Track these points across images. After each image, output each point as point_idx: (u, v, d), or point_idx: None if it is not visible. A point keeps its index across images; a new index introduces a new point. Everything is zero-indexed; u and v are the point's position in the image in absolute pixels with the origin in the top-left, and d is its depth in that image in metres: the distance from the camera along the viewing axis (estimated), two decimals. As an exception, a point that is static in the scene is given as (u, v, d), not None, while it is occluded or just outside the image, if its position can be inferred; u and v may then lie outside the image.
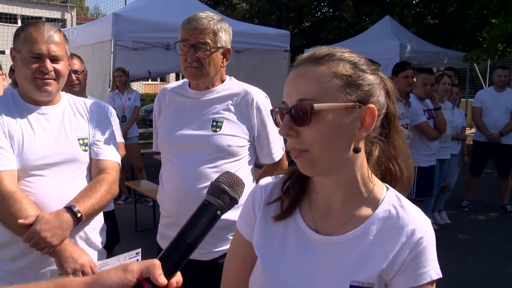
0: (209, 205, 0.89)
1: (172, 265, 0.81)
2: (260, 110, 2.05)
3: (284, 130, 0.97)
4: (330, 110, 0.95)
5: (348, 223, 1.03)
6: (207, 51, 1.94)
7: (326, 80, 0.96)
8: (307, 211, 1.09)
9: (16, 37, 1.80)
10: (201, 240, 0.86)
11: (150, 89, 26.70)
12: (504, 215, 6.28)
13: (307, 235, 1.06)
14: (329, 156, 0.97)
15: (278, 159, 2.16)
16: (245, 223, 1.17)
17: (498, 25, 8.43)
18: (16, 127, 1.77)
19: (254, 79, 6.64)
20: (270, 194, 1.14)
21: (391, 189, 1.07)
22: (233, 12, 16.31)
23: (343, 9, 13.57)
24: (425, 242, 0.99)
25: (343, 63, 0.99)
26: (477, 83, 15.95)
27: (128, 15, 6.46)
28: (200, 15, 1.97)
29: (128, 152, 6.01)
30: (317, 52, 1.01)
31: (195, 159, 1.98)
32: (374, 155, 1.05)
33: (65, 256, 1.69)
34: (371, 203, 1.04)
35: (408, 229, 0.99)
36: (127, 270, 0.76)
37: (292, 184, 1.11)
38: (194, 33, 1.92)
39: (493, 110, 6.20)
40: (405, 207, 1.04)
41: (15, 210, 1.65)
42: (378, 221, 1.02)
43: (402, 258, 0.98)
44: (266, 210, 1.13)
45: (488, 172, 7.46)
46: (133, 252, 1.83)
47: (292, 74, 1.02)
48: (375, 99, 1.00)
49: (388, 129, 1.06)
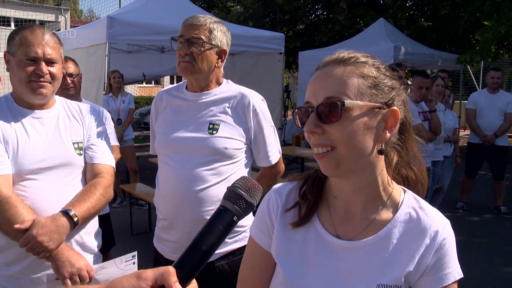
0: (226, 211, 0.86)
1: (187, 272, 0.80)
2: (257, 113, 2.05)
3: (310, 127, 0.97)
4: (358, 109, 0.96)
5: (369, 227, 1.04)
6: (201, 46, 1.96)
7: (354, 80, 0.98)
8: (326, 216, 1.09)
9: (11, 40, 1.79)
10: (217, 246, 0.84)
11: (144, 92, 26.67)
12: (499, 216, 6.31)
13: (328, 241, 1.06)
14: (355, 156, 0.98)
15: (275, 162, 2.16)
16: (261, 231, 1.15)
17: (491, 27, 8.50)
18: (10, 131, 1.76)
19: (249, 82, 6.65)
20: (286, 200, 1.13)
21: (408, 192, 1.09)
22: (227, 15, 16.32)
23: (337, 12, 13.60)
24: (448, 243, 1.01)
25: (368, 66, 1.01)
26: (470, 85, 16.05)
27: (123, 18, 6.45)
28: (198, 15, 2.02)
29: (123, 155, 5.99)
30: (341, 54, 1.03)
31: (191, 161, 1.98)
32: (393, 160, 1.07)
33: (62, 260, 1.68)
34: (391, 207, 1.06)
35: (431, 231, 1.02)
36: (141, 277, 0.75)
37: (309, 189, 1.11)
38: (190, 28, 1.97)
39: (487, 111, 6.24)
40: (425, 208, 1.06)
41: (10, 215, 1.64)
42: (399, 224, 1.03)
43: (427, 260, 1.00)
44: (283, 217, 1.11)
45: (482, 173, 7.51)
46: (129, 255, 1.83)
47: (318, 75, 1.03)
48: (397, 103, 1.02)
49: (405, 136, 1.08)
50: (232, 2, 18.92)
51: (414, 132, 1.12)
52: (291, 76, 22.90)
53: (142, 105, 20.52)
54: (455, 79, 13.63)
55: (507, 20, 8.03)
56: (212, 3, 17.51)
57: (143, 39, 6.81)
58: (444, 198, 5.95)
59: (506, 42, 9.43)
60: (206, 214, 1.95)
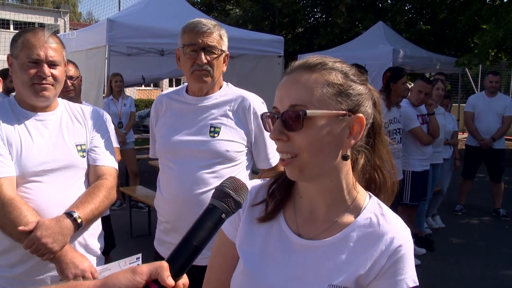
0: (214, 209, 0.91)
1: (179, 267, 0.83)
2: (257, 116, 2.07)
3: (275, 134, 1.00)
4: (322, 117, 0.98)
5: (330, 228, 1.06)
6: (216, 55, 1.98)
7: (319, 88, 0.99)
8: (291, 215, 1.12)
9: (13, 43, 1.81)
10: (207, 242, 0.88)
11: (144, 94, 26.67)
12: (497, 218, 6.33)
13: (289, 238, 1.09)
14: (318, 162, 1.00)
15: (275, 164, 2.18)
16: (229, 223, 1.18)
17: (489, 31, 8.55)
18: (14, 133, 1.77)
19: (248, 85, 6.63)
20: (255, 196, 1.16)
21: (374, 198, 1.10)
22: (226, 18, 16.33)
23: (336, 15, 13.64)
24: (404, 250, 1.01)
25: (335, 72, 1.02)
26: (469, 88, 16.09)
27: (123, 21, 6.46)
28: (202, 20, 2.00)
29: (124, 158, 6.01)
30: (309, 60, 1.04)
31: (193, 164, 1.99)
32: (360, 163, 1.08)
33: (66, 261, 1.69)
34: (353, 211, 1.07)
35: (387, 237, 1.02)
36: (136, 272, 0.78)
37: (277, 187, 1.14)
38: (203, 36, 1.96)
39: (485, 115, 6.27)
40: (386, 215, 1.06)
41: (14, 217, 1.65)
42: (358, 228, 1.05)
43: (380, 265, 1.00)
44: (251, 212, 1.15)
45: (480, 176, 7.53)
46: (134, 257, 1.84)
47: (285, 81, 1.04)
48: (363, 109, 1.03)
49: (374, 138, 1.09)
50: (231, 5, 18.96)
51: (412, 135, 1.14)
52: (290, 79, 22.89)
53: (142, 108, 20.52)
54: (453, 82, 13.67)
55: (505, 24, 8.07)
56: (211, 6, 17.53)
57: (143, 42, 6.81)
58: (443, 201, 5.97)
59: (504, 46, 9.46)
60: None
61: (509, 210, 6.43)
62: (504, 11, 8.42)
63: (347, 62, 1.08)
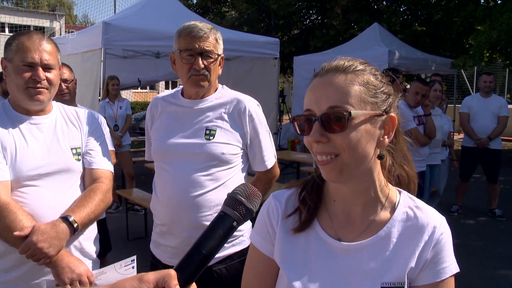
0: (226, 216, 0.88)
1: (187, 275, 0.81)
2: (253, 118, 2.07)
3: (315, 136, 0.99)
4: (362, 117, 0.99)
5: (369, 228, 1.07)
6: (213, 59, 1.98)
7: (356, 88, 1.00)
8: (326, 220, 1.11)
9: (8, 46, 1.79)
10: (217, 251, 0.86)
11: (140, 97, 26.63)
12: (493, 219, 6.35)
13: (329, 244, 1.08)
14: (358, 162, 1.01)
15: (271, 166, 2.18)
16: (263, 238, 1.15)
17: (484, 32, 8.59)
18: (8, 137, 1.76)
19: (244, 87, 6.65)
20: (286, 206, 1.15)
21: (404, 192, 1.13)
22: (222, 20, 16.36)
23: (332, 17, 13.68)
24: (445, 238, 1.05)
25: (367, 73, 1.03)
26: (464, 89, 16.16)
27: (118, 24, 6.46)
28: (197, 24, 1.99)
29: (120, 160, 6.00)
30: (341, 62, 1.05)
31: (188, 167, 1.99)
32: (387, 162, 1.10)
33: (62, 266, 1.68)
34: (388, 207, 1.09)
35: (428, 227, 1.05)
36: (143, 280, 0.76)
37: (308, 194, 1.13)
38: (199, 40, 1.95)
39: (480, 115, 6.29)
40: (421, 207, 1.10)
41: (10, 222, 1.64)
42: (398, 223, 1.07)
43: (426, 255, 1.03)
44: (284, 223, 1.13)
45: (477, 177, 7.55)
46: (129, 260, 1.83)
47: (319, 83, 1.04)
48: (393, 109, 1.05)
49: (396, 138, 1.11)
50: (227, 7, 18.98)
51: (409, 136, 1.15)
52: (286, 81, 22.96)
53: (138, 111, 20.48)
54: (449, 83, 13.72)
55: (499, 25, 8.11)
56: (207, 9, 17.54)
57: (139, 45, 6.82)
58: (439, 202, 5.98)
59: (499, 47, 9.51)
60: (204, 219, 1.96)
61: (505, 210, 6.45)
62: (498, 13, 8.46)
63: None
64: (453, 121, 7.50)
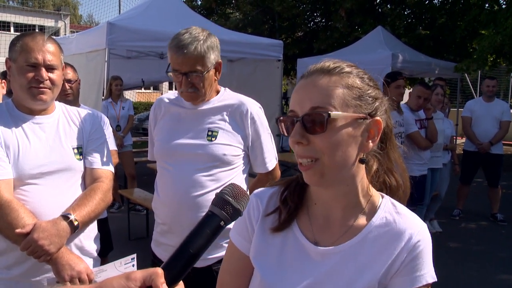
0: (213, 216, 0.89)
1: (174, 274, 0.81)
2: (255, 120, 2.09)
3: (295, 137, 0.98)
4: (343, 119, 0.97)
5: (347, 233, 1.06)
6: (200, 76, 1.95)
7: (339, 90, 0.99)
8: (305, 223, 1.10)
9: (12, 47, 1.82)
10: (204, 250, 0.86)
11: (143, 97, 26.70)
12: (495, 223, 6.34)
13: (305, 247, 1.07)
14: (339, 166, 0.99)
15: (272, 168, 2.20)
16: (241, 235, 1.16)
17: (488, 36, 8.57)
18: (11, 136, 1.79)
19: (247, 88, 6.64)
20: (267, 205, 1.14)
21: (386, 197, 1.10)
22: (226, 22, 16.38)
23: (336, 19, 13.68)
24: (422, 245, 1.02)
25: (353, 76, 1.02)
26: (468, 93, 16.11)
27: (123, 24, 6.48)
28: (185, 38, 1.91)
29: (122, 160, 6.02)
30: (326, 63, 1.04)
31: (190, 167, 2.01)
32: (373, 168, 1.08)
33: (62, 263, 1.70)
34: (368, 213, 1.07)
35: (406, 233, 1.02)
36: (130, 278, 0.76)
37: (290, 195, 1.12)
38: (183, 62, 1.91)
39: (482, 120, 6.28)
40: (401, 213, 1.07)
41: (12, 219, 1.66)
42: (375, 228, 1.04)
43: (400, 261, 1.01)
44: (263, 222, 1.12)
45: (479, 181, 7.54)
46: (129, 258, 1.85)
47: (303, 84, 1.03)
48: (380, 113, 1.04)
49: (385, 143, 1.09)
50: (231, 9, 19.01)
51: (410, 140, 1.15)
52: (289, 83, 22.97)
53: (141, 111, 20.53)
54: (452, 87, 13.69)
55: (503, 30, 8.10)
56: (211, 10, 17.57)
57: (143, 45, 6.84)
58: (440, 206, 5.98)
59: (503, 51, 9.49)
60: None
61: (506, 215, 6.44)
62: (503, 17, 8.45)
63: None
64: (456, 125, 7.50)
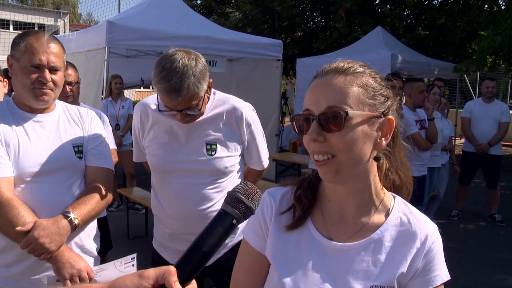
0: (226, 215, 0.89)
1: (187, 272, 0.82)
2: (250, 124, 2.10)
3: (312, 135, 1.00)
4: (359, 118, 1.00)
5: (361, 230, 1.08)
6: (196, 109, 1.91)
7: (354, 90, 1.02)
8: (320, 220, 1.12)
9: (15, 46, 1.81)
10: (217, 248, 0.87)
11: (142, 96, 26.68)
12: (493, 224, 6.35)
13: (321, 243, 1.09)
14: (354, 162, 1.02)
15: (267, 165, 2.29)
16: (255, 234, 1.17)
17: (487, 37, 8.58)
18: (12, 134, 1.79)
19: (247, 88, 6.64)
20: (280, 203, 1.16)
21: (398, 198, 1.14)
22: (226, 21, 16.37)
23: (336, 20, 13.68)
24: (437, 246, 1.08)
25: (366, 76, 1.05)
26: (467, 93, 16.13)
27: (122, 23, 6.48)
28: (175, 81, 1.79)
29: (121, 159, 6.02)
30: (340, 63, 1.06)
31: (194, 182, 2.02)
32: (384, 166, 1.12)
33: (62, 261, 1.71)
34: (382, 211, 1.10)
35: (421, 235, 1.07)
36: (143, 276, 0.77)
37: (303, 192, 1.14)
38: (178, 104, 1.85)
39: (481, 121, 6.29)
40: (414, 213, 1.12)
41: (12, 217, 1.66)
42: (391, 227, 1.08)
43: (418, 262, 1.05)
44: (278, 220, 1.14)
45: (477, 182, 7.56)
46: (129, 257, 1.85)
47: (318, 83, 1.05)
48: (392, 112, 1.07)
49: (393, 142, 1.12)
50: (230, 8, 19.00)
51: (410, 140, 1.16)
52: (289, 83, 22.98)
53: (140, 110, 20.49)
54: (451, 88, 13.71)
55: (502, 30, 8.12)
56: (211, 9, 17.57)
57: (142, 44, 6.83)
58: (439, 206, 5.99)
59: (502, 52, 9.50)
60: None
61: (505, 215, 6.45)
62: (502, 18, 8.46)
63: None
64: (455, 125, 7.51)
